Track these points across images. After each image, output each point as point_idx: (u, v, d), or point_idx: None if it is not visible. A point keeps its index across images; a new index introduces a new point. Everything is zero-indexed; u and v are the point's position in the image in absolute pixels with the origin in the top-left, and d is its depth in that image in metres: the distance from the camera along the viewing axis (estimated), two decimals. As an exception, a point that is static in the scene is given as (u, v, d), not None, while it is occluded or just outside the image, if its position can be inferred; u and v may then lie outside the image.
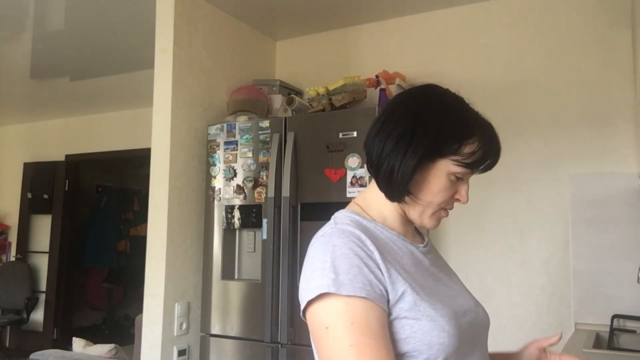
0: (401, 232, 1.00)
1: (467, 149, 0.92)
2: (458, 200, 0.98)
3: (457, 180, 0.95)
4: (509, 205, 2.58)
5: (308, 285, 0.87)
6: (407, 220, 1.00)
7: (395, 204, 0.99)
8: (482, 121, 0.97)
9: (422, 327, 0.86)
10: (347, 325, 0.81)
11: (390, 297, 0.87)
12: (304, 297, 0.87)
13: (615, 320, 2.24)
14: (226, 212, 2.53)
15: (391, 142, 0.94)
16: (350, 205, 1.03)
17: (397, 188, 0.95)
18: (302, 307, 0.88)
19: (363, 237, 0.90)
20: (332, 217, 0.99)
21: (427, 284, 0.94)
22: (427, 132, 0.92)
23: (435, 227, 1.00)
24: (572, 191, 2.44)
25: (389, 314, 0.87)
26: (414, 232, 1.06)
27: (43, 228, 5.74)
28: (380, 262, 0.88)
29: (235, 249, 2.58)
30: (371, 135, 0.98)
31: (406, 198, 0.96)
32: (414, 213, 0.98)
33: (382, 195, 0.98)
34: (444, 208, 0.98)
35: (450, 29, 2.82)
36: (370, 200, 1.01)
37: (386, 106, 1.01)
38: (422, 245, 1.03)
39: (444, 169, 0.93)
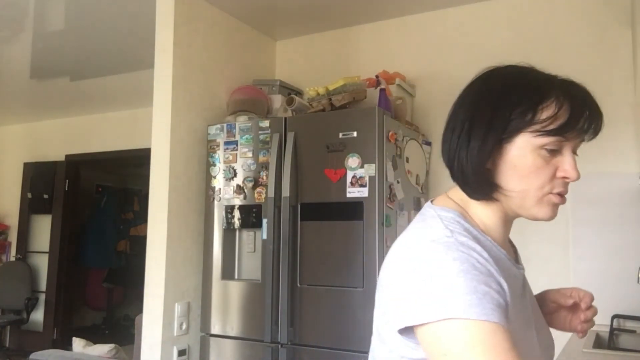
0: (504, 246, 0.87)
1: (545, 113, 0.79)
2: (565, 178, 0.82)
3: (553, 156, 0.81)
4: (509, 205, 2.58)
5: (424, 300, 0.73)
6: (507, 226, 0.87)
7: (492, 205, 0.85)
8: (560, 81, 0.84)
9: None
10: (486, 351, 0.69)
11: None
12: (416, 310, 0.73)
13: (615, 320, 2.24)
14: (226, 212, 2.53)
15: (455, 137, 0.84)
16: (446, 202, 0.88)
17: (475, 184, 0.83)
18: (409, 322, 0.74)
19: (485, 254, 0.77)
20: (433, 213, 0.85)
21: (519, 321, 0.80)
22: (485, 112, 0.81)
23: (551, 217, 0.84)
24: (572, 191, 2.43)
25: None
26: (509, 243, 0.92)
27: (43, 228, 5.74)
28: (503, 282, 0.76)
29: (235, 249, 2.58)
30: (442, 140, 0.88)
31: (496, 194, 0.83)
32: (515, 207, 0.83)
33: None
34: (553, 193, 0.82)
35: (450, 29, 2.82)
36: (467, 199, 0.86)
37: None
38: (521, 267, 0.91)
39: (527, 145, 0.80)
